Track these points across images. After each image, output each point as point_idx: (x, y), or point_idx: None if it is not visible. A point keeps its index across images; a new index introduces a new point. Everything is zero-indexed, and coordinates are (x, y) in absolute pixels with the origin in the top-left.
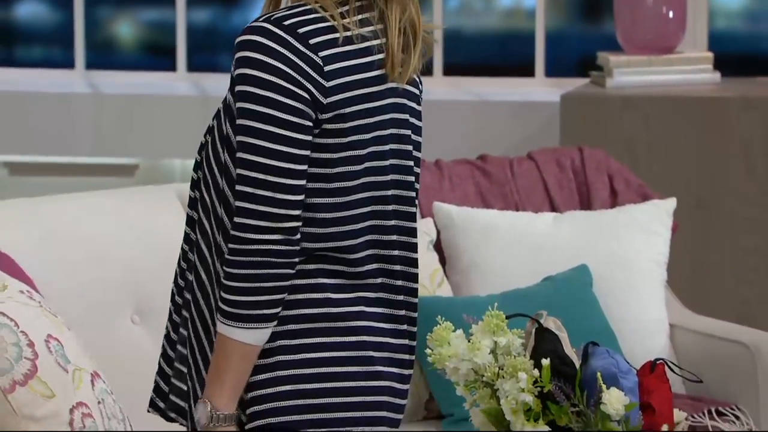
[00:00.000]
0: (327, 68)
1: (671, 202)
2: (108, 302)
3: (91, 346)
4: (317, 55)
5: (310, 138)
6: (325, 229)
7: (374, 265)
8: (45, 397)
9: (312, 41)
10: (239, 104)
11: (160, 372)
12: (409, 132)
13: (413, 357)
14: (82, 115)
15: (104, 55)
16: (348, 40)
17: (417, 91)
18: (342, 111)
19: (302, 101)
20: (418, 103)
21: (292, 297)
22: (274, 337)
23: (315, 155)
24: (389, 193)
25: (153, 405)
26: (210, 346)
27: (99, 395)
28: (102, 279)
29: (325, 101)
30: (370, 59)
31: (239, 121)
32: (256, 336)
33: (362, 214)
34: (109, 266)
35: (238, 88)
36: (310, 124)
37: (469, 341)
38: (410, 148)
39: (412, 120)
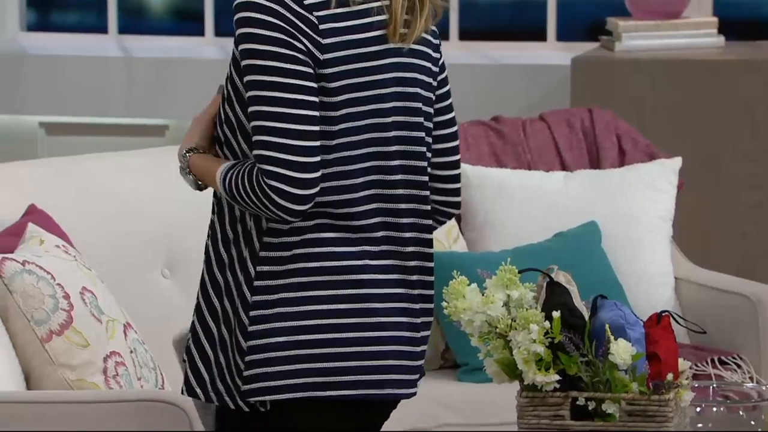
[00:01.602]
0: (322, 27)
1: (677, 161)
2: (140, 257)
3: (123, 299)
4: (312, 15)
5: (316, 86)
6: (323, 184)
7: (377, 219)
8: (80, 346)
9: (306, 2)
10: (244, 62)
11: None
12: (416, 90)
13: (429, 319)
14: (114, 77)
15: (136, 21)
16: (342, 2)
17: (429, 50)
18: (339, 68)
19: (301, 53)
20: (434, 63)
21: (295, 252)
22: (276, 290)
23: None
24: (393, 148)
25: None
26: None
27: (131, 345)
28: (134, 234)
29: (321, 57)
30: (369, 20)
31: (247, 78)
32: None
33: (363, 168)
34: (141, 222)
35: (242, 46)
36: (313, 72)
37: (483, 295)
38: (418, 105)
39: (422, 77)
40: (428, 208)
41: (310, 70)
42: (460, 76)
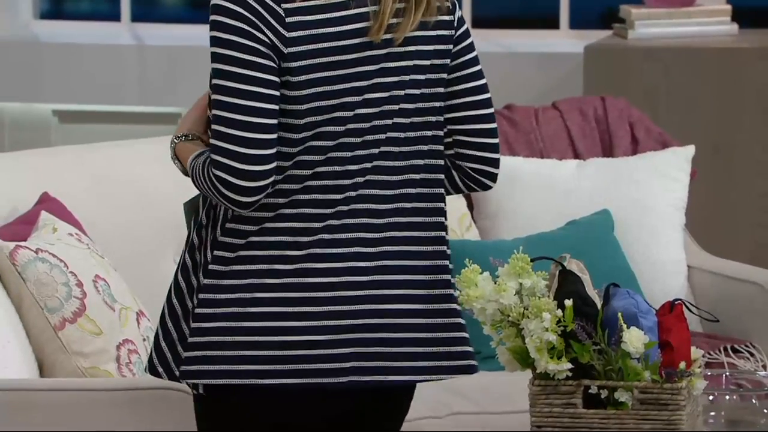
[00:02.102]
0: (289, 19)
1: (690, 149)
2: (152, 244)
3: (136, 287)
4: (280, 6)
5: (275, 79)
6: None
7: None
8: (93, 334)
9: None
10: (210, 48)
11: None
12: (408, 77)
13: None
14: (127, 65)
15: (149, 9)
16: None
17: (434, 32)
18: (304, 62)
19: (263, 44)
20: (444, 42)
21: (250, 239)
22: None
23: (281, 106)
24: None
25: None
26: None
27: (144, 333)
28: (146, 222)
29: (285, 50)
30: (344, 13)
31: (211, 64)
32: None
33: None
34: (154, 210)
35: (209, 33)
36: (273, 65)
37: (495, 283)
38: (412, 91)
39: (421, 62)
40: (388, 206)
41: (272, 63)
42: None
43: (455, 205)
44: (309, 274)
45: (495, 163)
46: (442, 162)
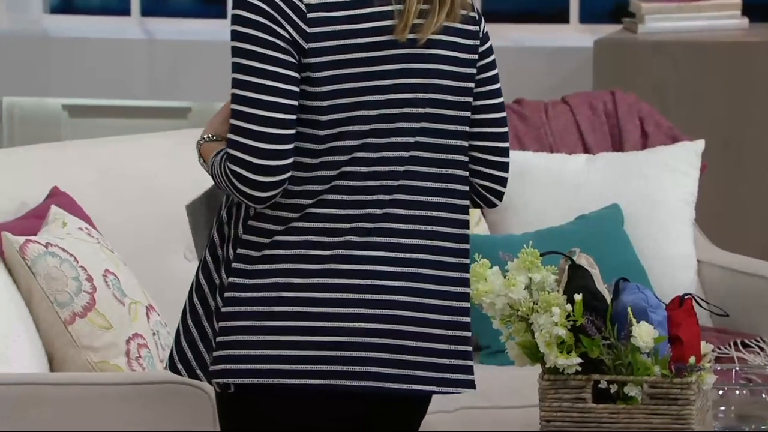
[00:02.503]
0: (310, 15)
1: (700, 144)
2: (162, 239)
3: (146, 281)
4: (301, 2)
5: (294, 74)
6: (318, 172)
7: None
8: (103, 329)
9: None
10: (231, 42)
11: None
12: (431, 81)
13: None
14: (137, 60)
15: (158, 3)
16: None
17: (458, 39)
18: (325, 58)
19: (282, 39)
20: (467, 51)
21: (275, 239)
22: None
23: (303, 102)
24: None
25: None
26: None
27: (154, 327)
28: (156, 217)
29: (306, 46)
30: (369, 11)
31: (231, 58)
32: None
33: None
34: (163, 205)
35: (231, 27)
36: (293, 60)
37: (505, 277)
38: (435, 96)
39: (445, 67)
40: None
41: (291, 59)
42: None
43: None
44: (335, 275)
45: (504, 182)
46: (467, 174)
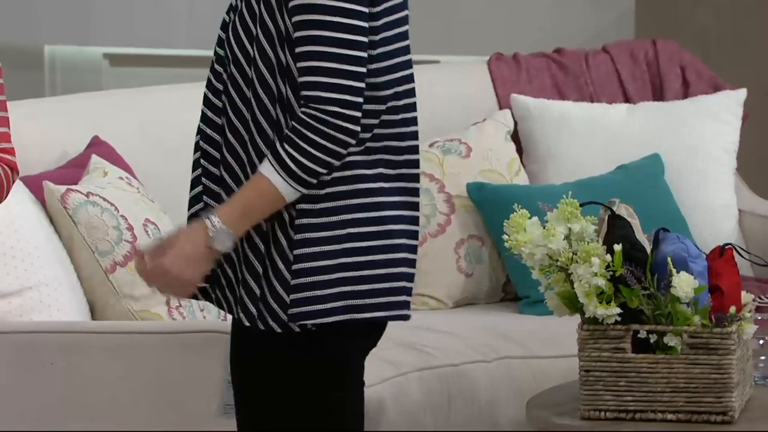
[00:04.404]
0: None
1: (742, 92)
2: None
3: None
4: None
5: (368, 26)
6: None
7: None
8: None
9: None
10: (296, 1)
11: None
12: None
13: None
14: (178, 8)
15: None
16: None
17: None
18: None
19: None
20: None
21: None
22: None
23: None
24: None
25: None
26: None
27: None
28: None
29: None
30: None
31: (300, 17)
32: (294, 196)
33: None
34: None
35: None
36: (368, 12)
37: (544, 228)
38: None
39: None
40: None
41: (367, 10)
42: (523, 8)
43: (504, 149)
44: (380, 208)
45: None
46: None
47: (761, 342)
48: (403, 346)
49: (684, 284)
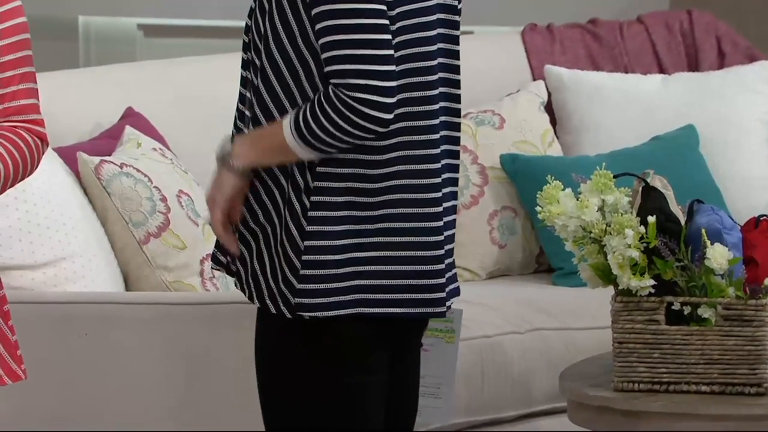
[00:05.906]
0: None
1: None
2: None
3: None
4: None
5: (385, 8)
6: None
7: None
8: (177, 249)
9: None
10: None
11: None
12: (455, 31)
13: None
14: None
15: None
16: None
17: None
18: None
19: None
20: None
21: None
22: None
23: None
24: (436, 76)
25: (215, 260)
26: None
27: None
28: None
29: None
30: None
31: (321, 8)
32: (310, 156)
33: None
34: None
35: None
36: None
37: (577, 199)
38: (456, 47)
39: (456, 18)
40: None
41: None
42: None
43: (537, 120)
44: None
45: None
46: None
47: None
48: None
49: (718, 256)
